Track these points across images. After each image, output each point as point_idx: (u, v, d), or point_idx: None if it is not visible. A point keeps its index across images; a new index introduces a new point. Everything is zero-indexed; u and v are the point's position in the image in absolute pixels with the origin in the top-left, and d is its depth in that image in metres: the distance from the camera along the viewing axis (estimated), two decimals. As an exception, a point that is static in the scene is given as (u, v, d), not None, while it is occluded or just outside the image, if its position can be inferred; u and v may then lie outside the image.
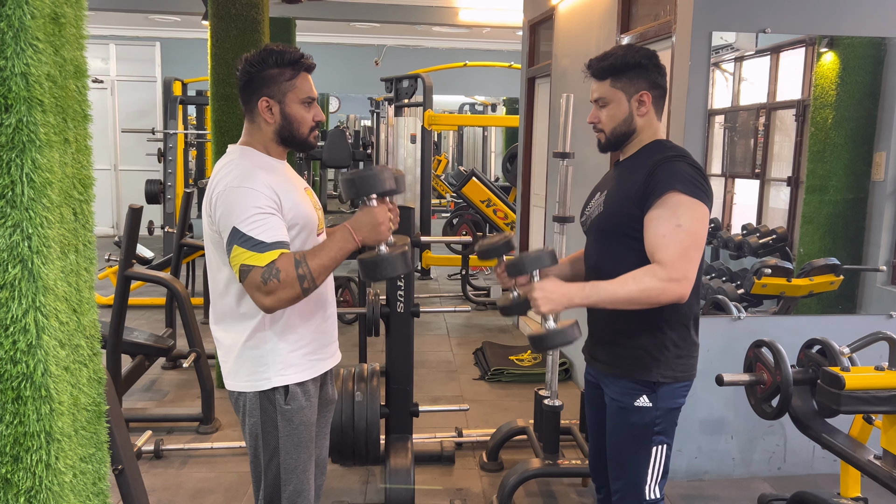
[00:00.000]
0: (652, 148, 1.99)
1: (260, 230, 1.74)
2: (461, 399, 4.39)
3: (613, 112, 2.00)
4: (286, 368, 1.90)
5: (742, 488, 3.33)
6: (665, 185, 1.86)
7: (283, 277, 1.72)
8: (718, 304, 3.40)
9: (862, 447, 2.54)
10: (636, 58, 1.96)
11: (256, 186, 1.79)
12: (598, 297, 1.85)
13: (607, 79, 1.99)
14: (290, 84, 1.88)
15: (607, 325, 2.05)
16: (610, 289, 1.84)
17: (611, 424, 2.06)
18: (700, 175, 1.90)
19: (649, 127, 2.01)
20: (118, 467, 1.97)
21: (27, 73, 0.99)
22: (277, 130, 1.91)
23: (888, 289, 3.51)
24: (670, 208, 1.85)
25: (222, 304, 1.92)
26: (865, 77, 3.40)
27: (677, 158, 1.91)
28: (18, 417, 1.02)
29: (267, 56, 1.87)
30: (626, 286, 1.82)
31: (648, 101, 1.98)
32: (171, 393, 4.43)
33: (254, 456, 1.97)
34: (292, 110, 1.90)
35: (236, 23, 4.21)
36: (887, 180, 3.43)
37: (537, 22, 5.75)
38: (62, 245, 1.09)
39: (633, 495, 2.02)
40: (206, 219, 1.87)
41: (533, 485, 3.33)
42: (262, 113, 1.89)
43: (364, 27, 10.31)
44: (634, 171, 1.96)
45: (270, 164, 1.91)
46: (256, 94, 1.89)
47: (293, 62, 1.88)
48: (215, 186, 1.83)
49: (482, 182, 7.49)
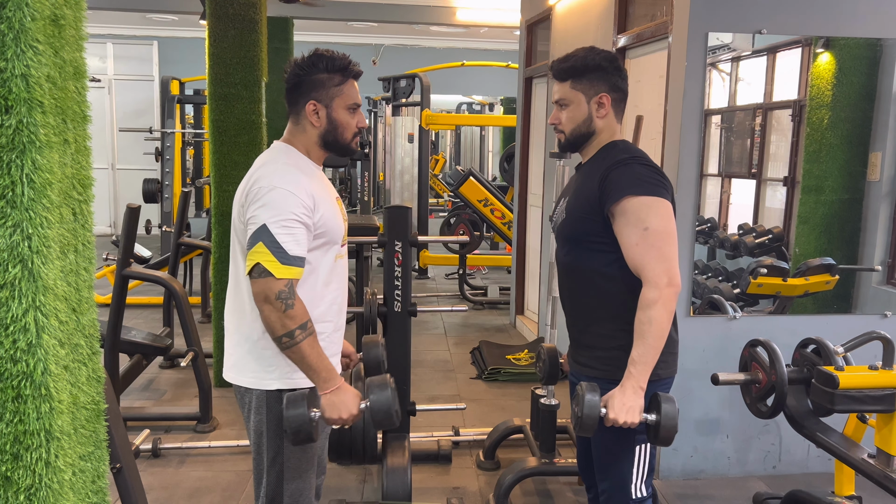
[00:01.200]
0: (605, 151, 2.02)
1: (287, 238, 1.77)
2: (458, 398, 4.40)
3: (573, 113, 2.03)
4: (294, 373, 1.91)
5: (737, 487, 3.35)
6: (618, 192, 1.89)
7: (290, 312, 1.77)
8: (714, 303, 3.41)
9: (856, 446, 2.56)
10: (596, 60, 1.99)
11: (297, 191, 1.82)
12: (646, 365, 1.86)
13: (568, 80, 2.02)
14: (338, 90, 1.92)
15: (586, 329, 2.07)
16: (643, 350, 1.85)
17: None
18: (653, 171, 1.93)
19: (608, 129, 2.04)
20: (116, 466, 1.98)
21: (27, 75, 1.00)
22: (322, 134, 1.94)
23: (883, 288, 3.53)
24: (633, 214, 1.88)
25: (240, 294, 1.94)
26: (861, 78, 3.42)
27: (628, 161, 1.94)
28: (18, 416, 1.03)
29: (317, 60, 1.90)
30: (648, 334, 1.85)
31: (608, 104, 2.01)
32: (168, 392, 4.43)
33: (257, 453, 1.98)
34: (338, 115, 1.93)
35: (234, 22, 4.21)
36: (883, 180, 3.45)
37: (534, 22, 5.76)
38: (62, 245, 1.10)
39: (620, 495, 2.04)
40: (238, 208, 1.90)
41: (529, 483, 3.35)
42: (309, 116, 1.92)
43: (362, 27, 10.31)
44: (590, 176, 2.00)
45: (311, 168, 1.95)
46: (304, 97, 1.91)
47: (342, 68, 1.91)
48: (257, 179, 1.85)
49: (479, 181, 7.50)
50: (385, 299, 3.30)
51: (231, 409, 4.10)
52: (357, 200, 10.94)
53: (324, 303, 1.96)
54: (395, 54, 11.92)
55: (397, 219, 3.25)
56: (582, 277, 2.03)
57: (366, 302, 3.40)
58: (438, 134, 15.42)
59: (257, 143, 4.35)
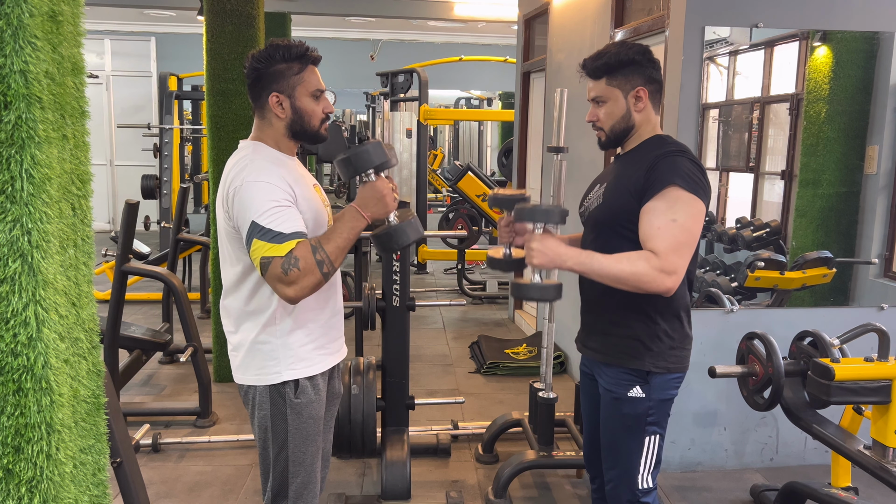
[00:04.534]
0: (652, 143, 2.01)
1: (278, 222, 1.76)
2: (457, 392, 4.41)
3: (611, 110, 2.01)
4: (297, 363, 1.91)
5: (735, 479, 3.37)
6: (665, 180, 1.87)
7: (302, 266, 1.74)
8: (712, 296, 3.42)
9: (852, 437, 2.58)
10: (630, 54, 1.98)
11: (272, 180, 1.81)
12: (589, 267, 1.85)
13: (602, 77, 2.01)
14: (298, 78, 1.90)
15: (601, 315, 2.08)
16: (604, 262, 1.84)
17: (604, 414, 2.09)
18: (700, 171, 1.92)
19: (648, 122, 2.02)
20: (117, 460, 1.99)
21: (26, 71, 1.00)
22: (289, 125, 1.92)
23: (880, 281, 3.54)
24: (668, 202, 1.86)
25: (233, 299, 1.94)
26: (858, 71, 3.43)
27: (678, 153, 1.93)
28: (19, 409, 1.04)
29: (273, 51, 1.88)
30: (619, 264, 1.83)
31: (645, 97, 2.00)
32: (168, 387, 4.44)
33: (262, 448, 1.99)
34: (302, 104, 1.91)
35: (231, 18, 4.21)
36: (880, 174, 3.46)
37: (532, 16, 5.76)
38: (61, 240, 1.11)
39: (626, 485, 2.05)
40: (223, 214, 1.88)
41: (528, 476, 3.36)
42: (273, 108, 1.90)
43: (359, 22, 10.29)
44: (634, 165, 1.97)
45: (282, 159, 1.93)
46: (266, 91, 1.90)
47: (300, 56, 1.89)
48: (231, 182, 1.84)
49: (478, 176, 7.50)
50: (384, 294, 3.31)
51: (231, 403, 4.11)
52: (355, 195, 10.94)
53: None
54: (393, 49, 11.90)
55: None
56: None
57: (364, 297, 3.41)
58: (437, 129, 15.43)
59: (255, 138, 4.35)
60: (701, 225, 1.90)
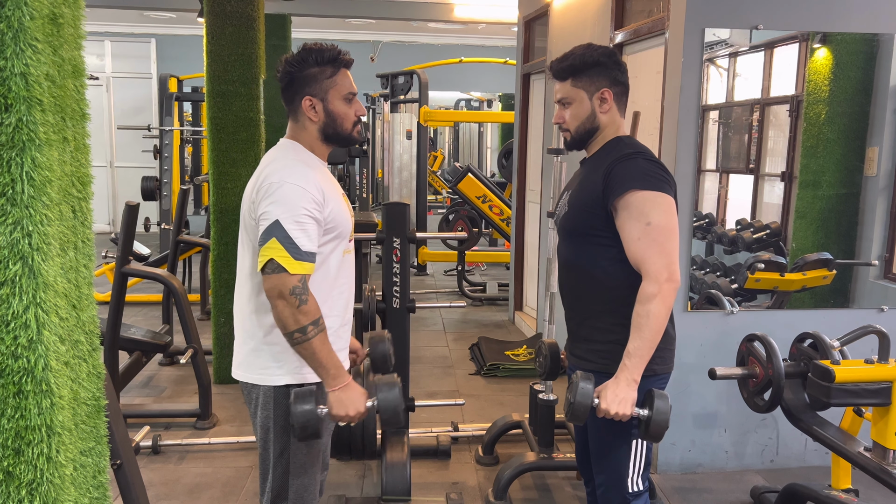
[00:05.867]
0: (610, 146, 2.03)
1: (299, 234, 1.78)
2: (457, 394, 4.41)
3: (576, 111, 2.04)
4: (302, 367, 1.91)
5: (735, 481, 3.36)
6: (623, 186, 1.90)
7: (303, 308, 1.77)
8: (712, 298, 3.42)
9: (852, 439, 2.57)
10: (595, 56, 2.00)
11: (307, 186, 1.82)
12: (641, 358, 1.87)
13: (568, 79, 2.03)
14: (331, 81, 1.91)
15: (583, 323, 2.09)
16: (639, 343, 1.86)
17: (591, 420, 2.08)
18: (657, 167, 1.94)
19: (612, 123, 2.05)
20: (117, 462, 1.99)
21: (27, 73, 1.00)
22: (322, 128, 1.94)
23: (880, 283, 3.54)
24: (635, 208, 1.89)
25: (247, 289, 1.95)
26: (858, 73, 3.43)
27: (633, 156, 1.95)
28: (20, 411, 1.04)
29: (306, 55, 1.89)
30: (645, 327, 1.86)
31: (610, 98, 2.02)
32: (168, 389, 4.44)
33: (263, 449, 1.99)
34: (335, 107, 1.92)
35: (231, 19, 4.22)
36: (880, 175, 3.46)
37: (532, 18, 5.76)
38: (62, 242, 1.11)
39: (617, 489, 2.05)
40: (248, 205, 1.89)
41: (528, 478, 3.36)
42: (307, 112, 1.91)
43: (359, 23, 10.30)
44: (595, 170, 2.01)
45: (317, 163, 1.95)
46: (300, 94, 1.91)
47: (333, 59, 1.91)
48: (266, 176, 1.85)
49: (478, 178, 7.50)
50: (384, 296, 3.31)
51: (231, 405, 4.11)
52: (356, 197, 10.94)
53: (331, 298, 1.96)
54: (393, 51, 11.91)
55: (396, 215, 3.26)
56: (581, 271, 2.04)
57: (365, 298, 3.40)
58: (437, 130, 15.42)
59: (255, 140, 4.36)
60: (675, 216, 1.93)
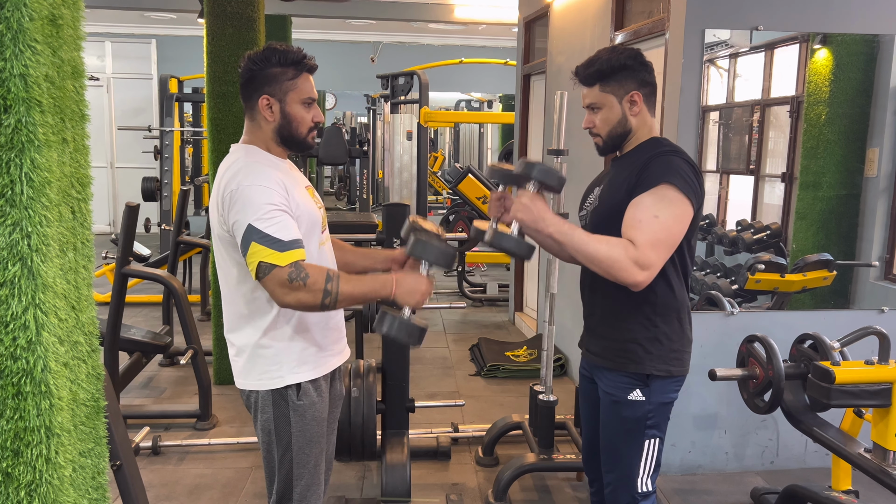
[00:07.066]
0: (648, 145, 2.01)
1: (276, 228, 1.75)
2: (457, 395, 4.41)
3: (607, 116, 2.01)
4: (299, 366, 1.91)
5: (735, 482, 3.36)
6: (658, 177, 1.88)
7: (309, 283, 1.74)
8: (712, 299, 3.42)
9: (852, 441, 2.57)
10: (621, 59, 1.97)
11: (268, 183, 1.80)
12: (569, 238, 1.84)
13: (596, 84, 2.00)
14: (291, 83, 1.89)
15: (602, 319, 2.07)
16: (583, 238, 1.84)
17: (604, 418, 2.09)
18: (694, 172, 1.92)
19: (644, 125, 2.02)
20: (116, 463, 1.99)
21: (26, 75, 1.00)
22: (277, 129, 1.91)
23: (880, 284, 3.54)
24: (656, 198, 1.86)
25: (231, 303, 1.94)
26: (858, 74, 3.43)
27: (673, 154, 1.93)
28: (19, 413, 1.04)
29: (270, 55, 1.87)
30: (597, 244, 1.83)
31: (640, 101, 1.99)
32: (168, 389, 4.44)
33: (267, 451, 1.99)
34: (292, 110, 1.90)
35: (232, 20, 4.22)
36: (880, 176, 3.46)
37: (532, 19, 5.76)
38: (61, 243, 1.11)
39: (625, 488, 2.04)
40: (217, 218, 1.87)
41: (528, 479, 3.36)
42: (262, 111, 1.89)
43: (360, 24, 10.30)
44: (629, 166, 1.98)
45: (274, 161, 1.92)
46: (258, 92, 1.89)
47: (296, 62, 1.89)
48: (225, 185, 1.83)
49: (478, 178, 7.50)
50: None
51: (231, 406, 4.11)
52: (356, 198, 10.94)
53: None
54: (394, 52, 11.92)
55: (396, 216, 3.26)
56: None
57: (364, 299, 3.40)
58: (437, 131, 15.43)
59: (256, 141, 4.35)
60: (684, 228, 1.89)
